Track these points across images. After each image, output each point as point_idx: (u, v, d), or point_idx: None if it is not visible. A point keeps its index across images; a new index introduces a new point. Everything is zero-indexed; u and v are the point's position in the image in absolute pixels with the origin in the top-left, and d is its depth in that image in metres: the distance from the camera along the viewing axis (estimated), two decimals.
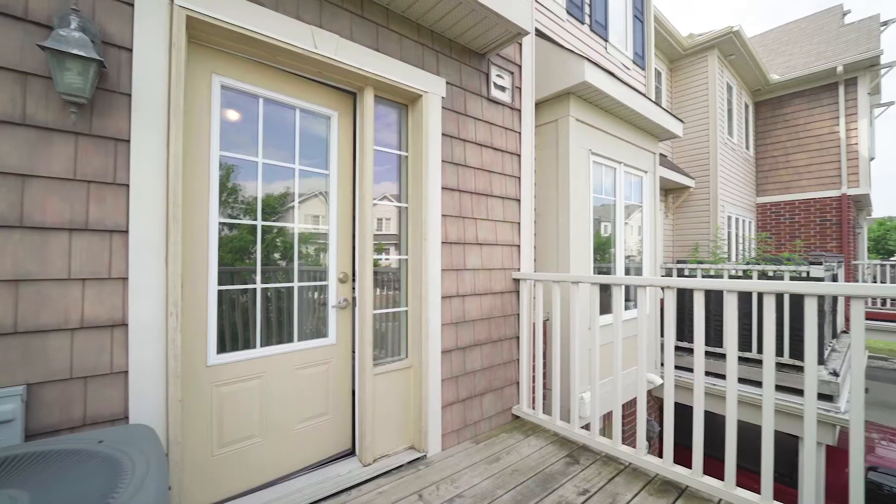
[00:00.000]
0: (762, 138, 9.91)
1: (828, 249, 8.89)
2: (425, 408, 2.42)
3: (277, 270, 2.15)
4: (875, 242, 38.39)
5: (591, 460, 2.34)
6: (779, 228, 9.54)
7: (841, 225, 8.78)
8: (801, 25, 11.88)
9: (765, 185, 9.80)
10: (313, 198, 2.29)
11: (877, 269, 9.43)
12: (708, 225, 7.87)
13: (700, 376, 2.00)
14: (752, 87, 9.66)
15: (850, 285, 1.57)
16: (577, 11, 4.68)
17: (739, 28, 7.91)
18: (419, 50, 2.45)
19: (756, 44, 10.94)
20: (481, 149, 2.76)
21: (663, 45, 8.07)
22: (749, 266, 4.54)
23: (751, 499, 1.81)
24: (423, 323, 2.42)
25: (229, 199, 1.98)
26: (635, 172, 4.28)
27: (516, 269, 2.96)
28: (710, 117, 8.08)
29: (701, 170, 8.07)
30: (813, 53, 9.94)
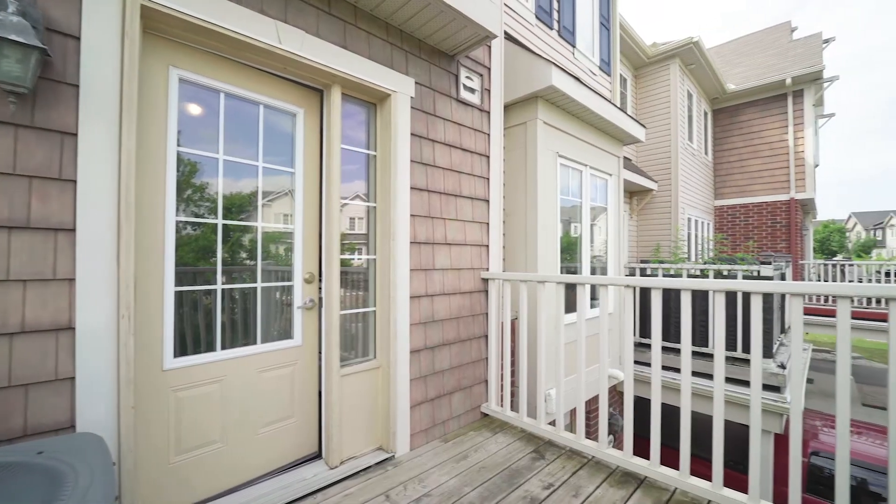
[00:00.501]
0: (719, 144, 10.45)
1: (778, 250, 9.47)
2: (393, 408, 2.42)
3: (240, 270, 2.09)
4: (820, 243, 41.23)
5: (557, 455, 2.40)
6: (734, 230, 10.09)
7: (790, 227, 9.37)
8: (755, 39, 12.60)
9: (722, 189, 10.34)
10: (278, 196, 2.24)
11: (821, 268, 10.13)
12: (670, 226, 8.23)
13: (657, 372, 2.09)
14: (711, 95, 10.16)
15: (789, 283, 1.69)
16: (545, 17, 4.79)
17: (699, 39, 8.31)
18: (388, 49, 2.44)
19: (714, 54, 11.52)
20: (450, 149, 2.78)
21: (629, 52, 8.37)
22: (706, 266, 4.79)
23: (703, 486, 1.92)
24: (392, 323, 2.41)
25: (188, 196, 1.91)
26: (601, 175, 4.42)
27: (485, 268, 3.00)
28: (672, 123, 8.45)
29: (663, 173, 8.42)
30: (765, 65, 10.57)
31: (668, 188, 8.33)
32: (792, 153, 9.35)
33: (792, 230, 9.33)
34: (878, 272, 9.69)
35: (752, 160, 9.92)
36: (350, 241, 2.48)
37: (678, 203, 8.25)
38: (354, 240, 2.50)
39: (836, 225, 48.64)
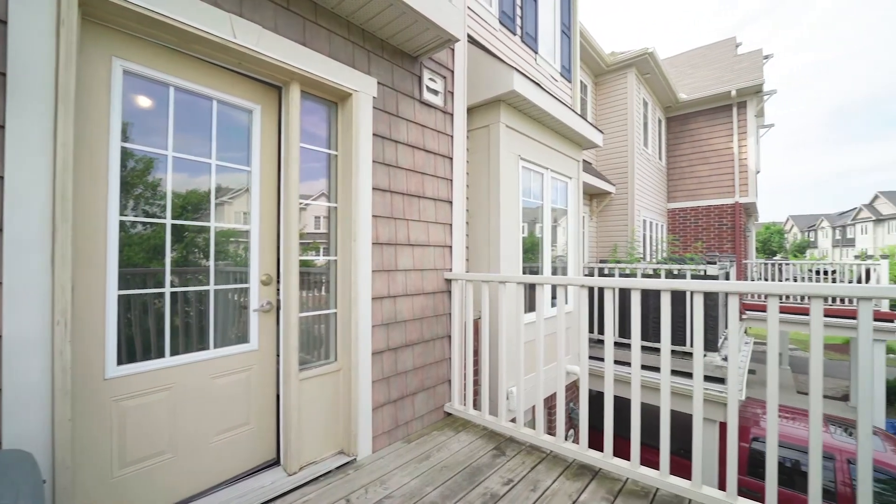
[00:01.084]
0: (672, 150, 11.04)
1: (724, 250, 10.13)
2: (355, 411, 2.39)
3: (191, 273, 2.00)
4: (762, 244, 44.47)
5: (517, 451, 2.46)
6: (686, 231, 10.69)
7: (734, 229, 10.05)
8: (704, 52, 13.41)
9: (674, 193, 10.93)
10: (233, 195, 2.16)
11: (762, 266, 10.93)
12: (627, 227, 8.61)
13: (610, 368, 2.19)
14: (665, 103, 10.72)
15: (727, 283, 1.82)
16: (509, 22, 4.89)
17: (654, 50, 8.74)
18: (349, 48, 2.41)
19: (668, 65, 12.16)
20: (413, 150, 2.78)
21: (589, 60, 8.69)
22: (658, 265, 5.05)
23: (651, 475, 2.03)
24: (353, 325, 2.39)
25: (135, 194, 1.81)
26: (561, 178, 4.56)
27: (448, 269, 3.03)
28: (629, 129, 8.84)
29: (621, 177, 8.80)
30: (713, 78, 11.27)
31: (625, 191, 8.71)
32: (736, 160, 10.03)
33: (736, 232, 10.01)
34: (810, 270, 10.57)
35: (702, 166, 10.55)
36: (310, 242, 2.43)
37: (634, 205, 8.65)
38: (315, 240, 2.46)
39: (776, 227, 52.65)
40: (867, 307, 1.52)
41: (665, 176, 11.01)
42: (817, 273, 10.42)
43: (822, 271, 10.26)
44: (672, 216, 10.91)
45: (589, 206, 8.77)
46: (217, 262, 2.07)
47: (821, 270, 10.26)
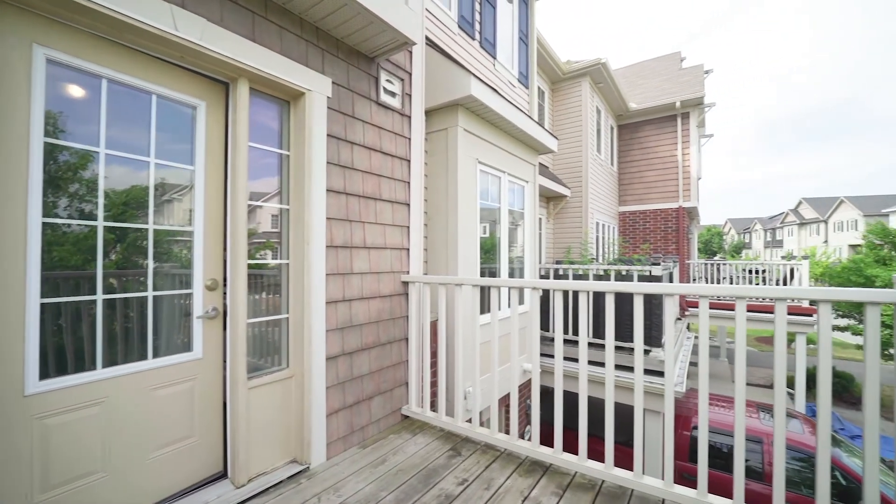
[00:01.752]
0: (623, 156, 11.63)
1: (669, 251, 10.80)
2: (308, 418, 2.33)
3: (129, 278, 1.88)
4: (704, 244, 47.81)
5: (472, 451, 2.50)
6: (635, 233, 11.29)
7: (678, 231, 10.73)
8: (652, 65, 14.22)
9: (625, 197, 11.51)
10: (175, 196, 2.05)
11: (702, 266, 11.75)
12: (581, 229, 8.97)
13: (559, 367, 2.28)
14: (616, 112, 11.27)
15: (664, 285, 1.95)
16: (468, 27, 4.95)
17: (606, 61, 9.17)
18: (302, 46, 2.35)
19: (619, 75, 12.78)
20: (370, 152, 2.76)
21: (546, 67, 8.97)
22: (609, 266, 5.30)
23: (597, 468, 2.13)
24: (306, 330, 2.33)
25: (61, 194, 1.67)
26: (518, 182, 4.68)
27: (405, 272, 3.03)
28: (583, 135, 9.22)
29: (575, 181, 9.16)
30: (659, 89, 11.98)
31: (579, 195, 9.07)
32: (680, 167, 10.72)
33: (680, 234, 10.70)
34: (744, 270, 11.49)
35: (649, 172, 11.19)
36: (260, 245, 2.35)
37: (588, 208, 9.03)
38: (265, 243, 2.38)
39: (716, 229, 56.85)
40: (782, 306, 1.69)
41: (616, 180, 11.57)
42: (750, 272, 11.33)
43: (754, 270, 11.18)
44: (623, 219, 11.49)
45: (546, 208, 9.05)
46: (157, 266, 1.95)
47: (753, 270, 11.17)
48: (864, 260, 14.71)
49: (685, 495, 1.86)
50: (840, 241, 40.83)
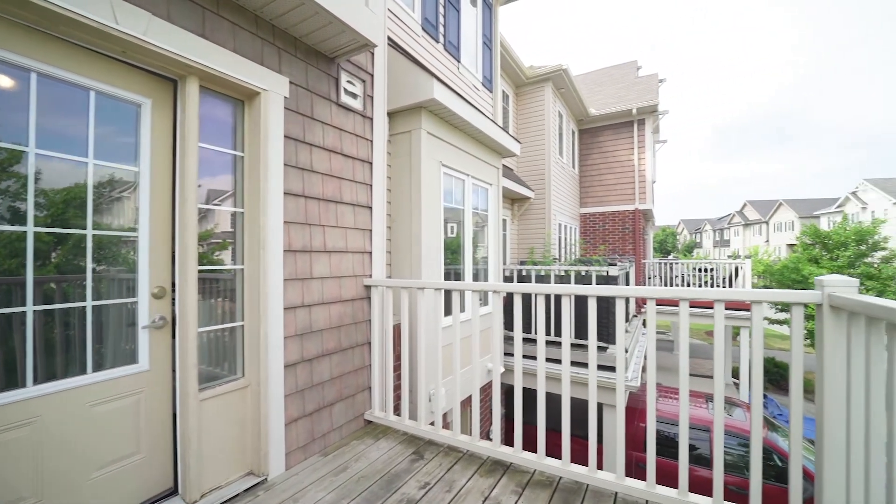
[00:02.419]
0: (584, 160, 12.04)
1: (627, 251, 11.28)
2: (265, 428, 2.26)
3: (64, 287, 1.75)
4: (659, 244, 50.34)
5: (435, 453, 2.52)
6: (595, 234, 11.73)
7: (635, 232, 11.24)
8: (611, 72, 14.81)
9: (586, 199, 11.93)
10: (117, 199, 1.92)
11: (657, 265, 12.37)
12: (545, 230, 9.21)
13: (518, 364, 2.34)
14: (577, 116, 11.65)
15: (616, 288, 2.04)
16: (431, 30, 4.96)
17: (567, 67, 9.45)
18: (258, 44, 2.28)
19: (580, 81, 13.22)
20: (330, 154, 2.71)
21: (510, 71, 9.13)
22: (570, 267, 5.48)
23: (555, 465, 2.20)
24: (263, 337, 2.26)
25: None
26: (482, 184, 4.74)
27: (368, 275, 3.00)
28: (546, 139, 9.47)
29: (539, 183, 9.39)
30: (617, 96, 12.49)
31: (542, 197, 9.31)
32: (636, 171, 11.23)
33: (636, 234, 11.21)
34: (694, 268, 12.19)
35: (608, 175, 11.65)
36: (212, 250, 2.25)
37: (551, 210, 9.28)
38: (218, 248, 2.28)
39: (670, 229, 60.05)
40: (720, 305, 1.81)
41: (578, 183, 11.97)
42: (700, 270, 12.05)
43: (703, 269, 11.89)
44: (584, 220, 11.90)
45: (511, 209, 9.22)
46: (98, 273, 1.82)
47: (702, 268, 11.89)
48: (799, 259, 15.99)
49: (635, 487, 1.96)
50: (779, 240, 44.20)
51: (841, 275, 9.31)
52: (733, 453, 5.64)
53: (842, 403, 1.47)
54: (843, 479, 1.45)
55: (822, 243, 15.84)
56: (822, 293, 1.57)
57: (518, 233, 9.53)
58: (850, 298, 1.42)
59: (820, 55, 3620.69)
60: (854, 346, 1.44)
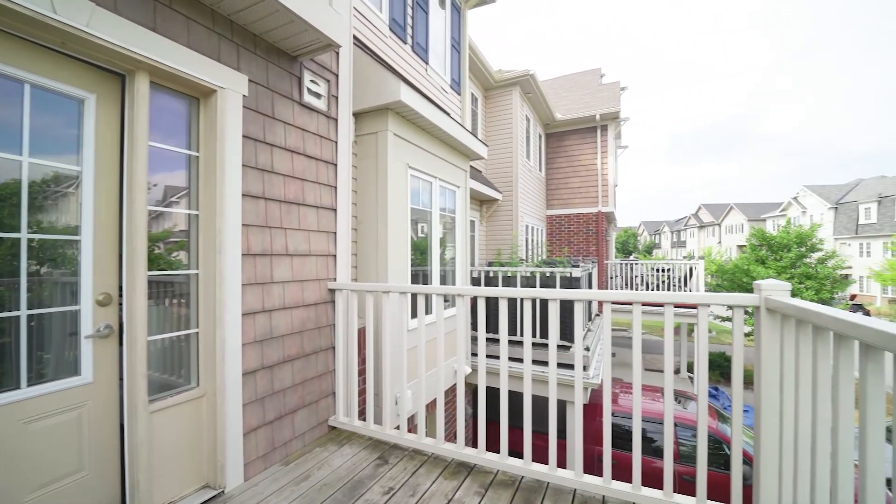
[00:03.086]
0: (550, 163, 12.35)
1: (591, 252, 11.66)
2: (222, 438, 2.18)
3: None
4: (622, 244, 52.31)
5: (400, 457, 2.51)
6: (561, 235, 12.05)
7: (598, 234, 11.64)
8: (576, 78, 15.26)
9: (552, 201, 12.23)
10: (57, 199, 1.80)
11: (618, 266, 12.86)
12: (512, 231, 9.36)
13: (482, 363, 2.37)
14: (544, 121, 11.93)
15: (574, 291, 2.12)
16: (399, 31, 4.94)
17: (534, 72, 9.65)
18: (214, 39, 2.19)
19: (547, 87, 13.53)
20: (292, 155, 2.65)
21: (479, 74, 9.23)
22: (535, 269, 5.60)
23: (517, 464, 2.25)
24: (219, 344, 2.17)
25: None
26: (450, 187, 4.77)
27: (332, 279, 2.95)
28: (514, 142, 9.63)
29: (507, 185, 9.54)
30: (582, 102, 12.89)
31: (510, 198, 9.47)
32: (599, 175, 11.63)
33: (600, 236, 11.61)
34: (653, 268, 12.77)
35: (573, 178, 12.00)
36: (165, 254, 2.15)
37: (518, 212, 9.45)
38: (171, 252, 2.18)
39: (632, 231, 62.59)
40: (670, 307, 1.92)
41: (544, 186, 12.25)
42: (658, 270, 12.62)
43: (661, 269, 12.47)
44: (550, 221, 12.20)
45: (479, 211, 9.32)
46: (33, 280, 1.70)
47: (660, 268, 12.46)
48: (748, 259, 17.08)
49: (592, 483, 2.04)
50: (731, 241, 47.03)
51: (779, 279, 10.09)
52: (688, 444, 5.96)
53: (776, 394, 1.60)
54: (776, 458, 1.58)
55: (767, 245, 16.98)
56: (760, 296, 1.69)
57: (486, 234, 9.65)
58: (783, 302, 1.54)
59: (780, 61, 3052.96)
60: (786, 343, 1.56)
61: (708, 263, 23.12)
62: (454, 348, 4.63)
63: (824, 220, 34.64)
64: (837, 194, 36.15)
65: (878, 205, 31.18)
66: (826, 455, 1.22)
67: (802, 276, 15.31)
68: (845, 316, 1.15)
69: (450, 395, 5.03)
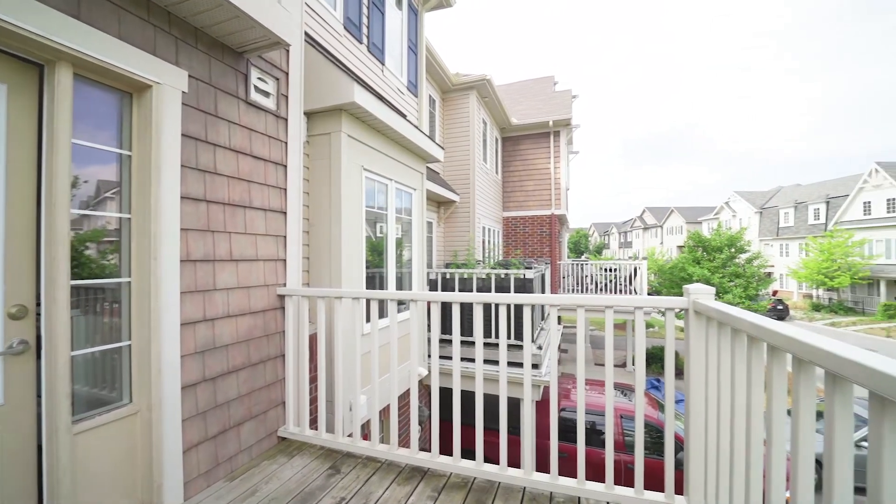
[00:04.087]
0: (506, 166, 12.64)
1: (545, 253, 12.07)
2: (158, 457, 2.04)
3: None
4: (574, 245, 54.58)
5: (353, 466, 2.47)
6: (516, 237, 12.38)
7: (552, 235, 12.07)
8: (531, 84, 15.74)
9: (508, 203, 12.53)
10: None
11: (570, 266, 13.41)
12: (469, 233, 9.49)
13: (435, 364, 2.39)
14: (500, 125, 12.19)
15: (523, 296, 2.19)
16: (354, 30, 4.86)
17: (491, 78, 9.85)
18: (149, 31, 2.05)
19: (503, 91, 13.84)
20: (238, 156, 2.53)
21: (437, 77, 9.27)
22: (490, 271, 5.72)
23: (469, 466, 2.29)
24: (155, 357, 2.03)
25: None
26: (406, 189, 4.76)
27: (282, 284, 2.85)
28: (471, 145, 9.77)
29: (464, 187, 9.66)
30: (536, 108, 13.31)
31: (467, 200, 9.59)
32: (553, 178, 12.07)
33: (553, 237, 12.05)
34: (602, 268, 13.43)
35: (528, 181, 12.37)
36: (92, 261, 1.98)
37: (475, 214, 9.60)
38: (99, 259, 2.01)
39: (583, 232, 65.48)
40: (611, 311, 2.04)
41: (501, 188, 12.53)
42: (606, 270, 13.30)
43: (609, 269, 13.15)
44: (506, 223, 12.49)
45: (437, 212, 9.36)
46: None
47: (608, 268, 13.14)
48: (686, 260, 18.43)
49: (540, 480, 2.12)
50: (672, 243, 50.49)
51: (712, 278, 10.98)
52: (633, 435, 6.34)
53: (703, 385, 1.76)
54: (703, 440, 1.75)
55: (702, 247, 18.41)
56: (689, 300, 1.84)
57: (444, 235, 9.71)
58: (707, 305, 1.69)
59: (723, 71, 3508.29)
60: (710, 342, 1.71)
61: (651, 263, 24.69)
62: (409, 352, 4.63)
63: (751, 224, 38.13)
64: (762, 200, 39.94)
65: (795, 210, 34.80)
66: (742, 435, 1.36)
67: (732, 274, 16.76)
68: (757, 321, 1.28)
69: (405, 400, 5.02)
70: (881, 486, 0.77)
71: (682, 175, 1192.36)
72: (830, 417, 0.93)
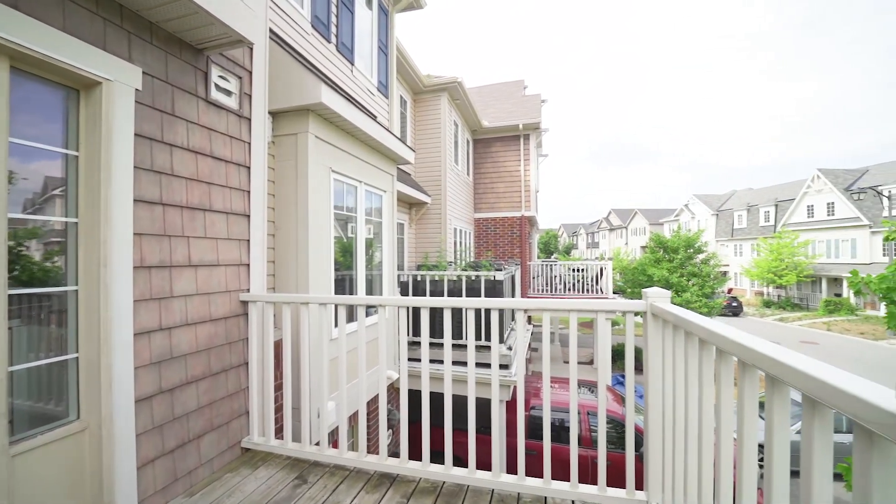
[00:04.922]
0: (477, 168, 12.76)
1: (515, 254, 12.26)
2: (110, 475, 1.93)
3: None
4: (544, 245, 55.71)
5: (320, 475, 2.42)
6: (488, 238, 12.51)
7: (522, 236, 12.28)
8: (501, 88, 15.95)
9: (479, 205, 12.65)
10: None
11: (539, 266, 13.68)
12: (441, 234, 9.51)
13: (404, 365, 2.38)
14: (472, 127, 12.29)
15: (489, 300, 2.22)
16: (322, 28, 4.77)
17: (462, 80, 9.90)
18: (98, 25, 1.94)
19: (474, 94, 13.95)
20: (197, 157, 2.43)
21: (409, 78, 9.23)
22: (461, 273, 5.76)
23: (438, 471, 2.29)
24: (105, 370, 1.92)
25: None
26: (376, 191, 4.71)
27: (245, 290, 2.76)
28: (442, 146, 9.79)
29: (435, 189, 9.67)
30: (507, 111, 13.51)
31: (439, 202, 9.60)
32: (522, 181, 12.29)
33: (523, 238, 12.26)
34: (570, 268, 13.79)
35: (499, 183, 12.53)
36: (33, 268, 1.84)
37: (447, 215, 9.63)
38: (41, 265, 1.87)
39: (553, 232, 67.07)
40: (574, 314, 2.10)
41: (472, 190, 12.63)
42: (574, 270, 13.66)
43: (577, 269, 13.52)
44: (478, 225, 12.60)
45: (408, 214, 9.32)
46: None
47: (576, 268, 13.50)
48: (647, 260, 19.21)
49: (508, 482, 2.15)
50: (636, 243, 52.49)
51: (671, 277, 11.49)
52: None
53: (660, 382, 1.85)
54: (660, 431, 1.84)
55: (663, 248, 19.25)
56: (647, 303, 1.92)
57: (416, 237, 9.68)
58: (663, 309, 1.77)
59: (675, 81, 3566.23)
60: (667, 343, 1.79)
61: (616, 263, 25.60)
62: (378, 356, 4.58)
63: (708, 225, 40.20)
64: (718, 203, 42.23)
65: (747, 212, 37.01)
66: (695, 429, 1.44)
67: (690, 274, 17.61)
68: (708, 325, 1.36)
69: (374, 405, 4.96)
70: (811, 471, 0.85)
71: (648, 177, 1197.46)
72: (770, 413, 1.00)
